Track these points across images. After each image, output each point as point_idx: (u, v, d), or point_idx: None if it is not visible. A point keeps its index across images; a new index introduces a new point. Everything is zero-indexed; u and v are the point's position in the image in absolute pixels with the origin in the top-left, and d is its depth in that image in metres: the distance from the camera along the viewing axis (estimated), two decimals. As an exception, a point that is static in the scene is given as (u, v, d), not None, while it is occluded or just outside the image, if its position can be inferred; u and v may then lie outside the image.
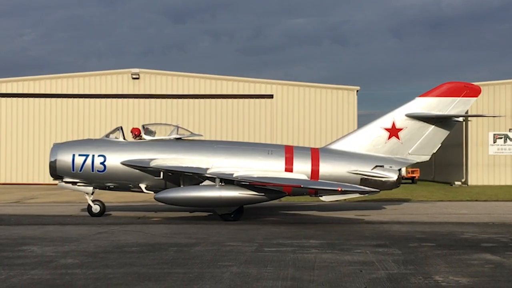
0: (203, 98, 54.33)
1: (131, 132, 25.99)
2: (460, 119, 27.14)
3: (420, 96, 27.01)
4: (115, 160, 24.71)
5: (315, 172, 24.95)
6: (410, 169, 65.31)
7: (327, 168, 25.12)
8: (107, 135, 25.91)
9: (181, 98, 54.32)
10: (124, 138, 25.61)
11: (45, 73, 55.88)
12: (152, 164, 24.31)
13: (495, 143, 56.58)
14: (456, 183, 56.70)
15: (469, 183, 56.65)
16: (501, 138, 56.50)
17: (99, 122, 53.79)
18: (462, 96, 26.41)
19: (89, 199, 25.58)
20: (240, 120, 54.25)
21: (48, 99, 54.34)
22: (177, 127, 26.42)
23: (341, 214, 26.91)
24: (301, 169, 24.83)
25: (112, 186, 25.41)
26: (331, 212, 28.19)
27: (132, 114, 53.97)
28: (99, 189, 25.65)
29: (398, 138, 26.36)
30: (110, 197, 33.98)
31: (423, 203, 34.33)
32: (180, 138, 25.86)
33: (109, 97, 54.30)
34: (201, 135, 27.97)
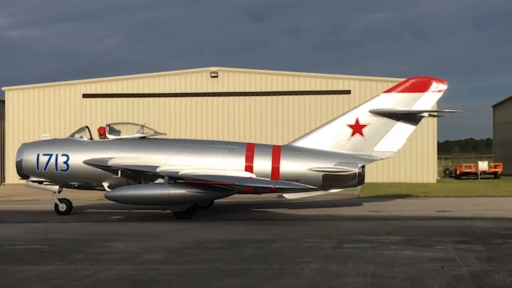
0: (280, 95, 54.44)
1: (97, 131, 26.17)
2: (426, 114, 26.32)
3: (384, 92, 26.64)
4: (77, 159, 25.02)
5: (275, 170, 24.82)
6: (492, 164, 63.72)
7: (287, 165, 24.94)
8: (72, 135, 26.24)
9: (258, 95, 54.61)
10: (91, 138, 25.86)
11: (128, 73, 57.18)
12: (110, 162, 24.56)
13: None
14: (543, 177, 54.87)
15: (556, 178, 54.75)
16: None
17: (179, 121, 54.73)
18: (428, 91, 25.79)
19: (56, 198, 25.90)
20: (318, 116, 54.04)
21: (130, 99, 55.64)
22: (143, 126, 26.56)
23: (422, 211, 26.52)
24: (262, 167, 24.75)
25: (77, 185, 25.66)
26: (412, 208, 27.84)
27: (211, 112, 54.64)
28: (65, 187, 25.90)
29: (362, 135, 25.88)
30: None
31: (507, 198, 33.43)
32: (144, 137, 26.02)
33: (189, 96, 55.13)
34: (165, 134, 28.08)
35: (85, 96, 56.05)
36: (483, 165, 63.71)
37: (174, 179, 23.56)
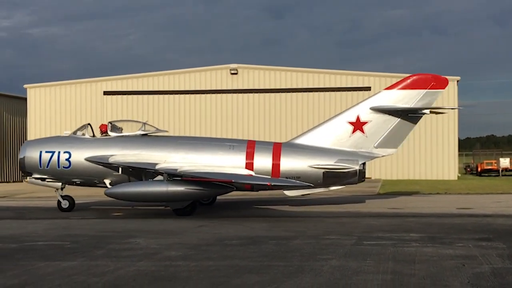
0: (300, 92, 54.34)
1: (99, 128, 26.28)
2: (427, 111, 26.17)
3: (385, 88, 26.70)
4: (79, 156, 25.18)
5: (276, 167, 24.81)
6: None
7: (288, 162, 24.94)
8: (75, 132, 26.39)
9: (278, 92, 54.55)
10: (93, 135, 26.01)
11: (148, 70, 57.33)
12: (111, 160, 24.70)
13: None
14: None
15: None
16: None
17: (199, 117, 54.84)
18: (429, 88, 25.72)
19: (58, 195, 26.06)
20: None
21: (151, 96, 55.85)
22: (144, 123, 26.68)
23: (442, 208, 26.39)
24: (262, 164, 24.77)
25: (79, 182, 25.84)
26: (432, 205, 27.71)
27: (231, 109, 54.69)
28: (68, 184, 26.09)
29: (363, 132, 25.83)
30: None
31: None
32: (146, 134, 26.15)
33: (209, 93, 55.23)
34: (166, 131, 28.29)
35: (106, 93, 56.35)
36: (504, 162, 63.30)
37: (173, 176, 23.64)
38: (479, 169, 66.19)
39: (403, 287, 11.44)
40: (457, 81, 52.95)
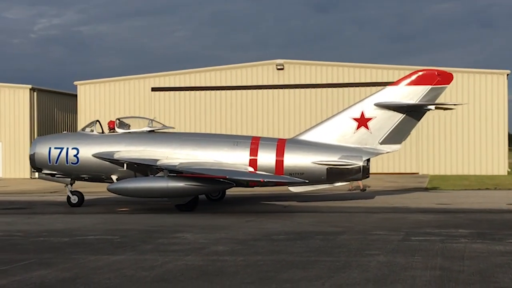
0: (346, 86, 53.98)
1: (107, 125, 26.52)
2: (432, 107, 25.70)
3: (390, 84, 26.40)
4: (87, 152, 25.47)
5: (279, 163, 24.77)
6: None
7: (291, 159, 24.86)
8: (83, 129, 26.84)
9: (325, 87, 54.32)
10: (102, 131, 26.29)
11: (195, 67, 57.77)
12: (116, 156, 24.93)
13: None
14: None
15: None
16: None
17: (245, 113, 54.99)
18: (434, 84, 25.33)
19: (68, 190, 26.49)
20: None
21: (197, 92, 56.23)
22: (152, 120, 26.85)
23: (492, 204, 25.98)
24: (266, 160, 24.76)
25: (87, 178, 26.17)
26: (481, 201, 27.31)
27: (278, 104, 54.67)
28: (77, 180, 26.45)
29: (367, 128, 25.53)
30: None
31: None
32: (152, 131, 26.31)
33: (255, 88, 55.32)
34: (173, 128, 28.38)
35: (153, 89, 56.93)
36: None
37: (171, 172, 23.82)
38: (530, 164, 64.84)
39: (452, 283, 11.34)
40: (507, 74, 51.96)
